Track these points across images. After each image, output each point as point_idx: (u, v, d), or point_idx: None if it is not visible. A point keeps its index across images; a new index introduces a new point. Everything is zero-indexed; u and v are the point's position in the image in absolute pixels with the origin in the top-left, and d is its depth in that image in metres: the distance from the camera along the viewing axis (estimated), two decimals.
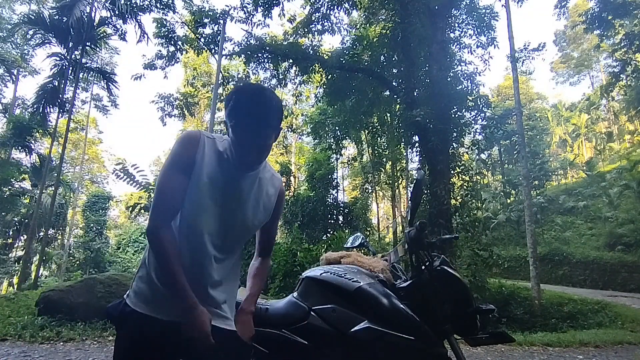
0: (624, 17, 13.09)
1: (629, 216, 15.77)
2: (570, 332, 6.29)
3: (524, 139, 9.60)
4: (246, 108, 1.02)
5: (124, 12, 11.71)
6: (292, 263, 8.02)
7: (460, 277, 1.38)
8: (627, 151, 25.72)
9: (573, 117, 32.11)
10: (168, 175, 1.04)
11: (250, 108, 1.02)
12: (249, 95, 1.04)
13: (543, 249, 14.84)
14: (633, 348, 4.98)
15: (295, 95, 16.17)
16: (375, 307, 1.26)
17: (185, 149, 1.06)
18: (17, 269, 17.50)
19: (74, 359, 3.86)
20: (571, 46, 38.29)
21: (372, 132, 15.00)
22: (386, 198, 24.96)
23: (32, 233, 12.86)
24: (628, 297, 10.21)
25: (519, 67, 10.18)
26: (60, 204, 19.29)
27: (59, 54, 12.66)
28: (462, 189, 8.82)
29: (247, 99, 1.04)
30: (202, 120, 27.02)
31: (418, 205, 1.43)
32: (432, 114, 7.97)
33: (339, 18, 11.97)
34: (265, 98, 1.05)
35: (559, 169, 30.72)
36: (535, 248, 8.47)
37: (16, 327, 4.86)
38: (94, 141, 35.22)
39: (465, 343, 1.37)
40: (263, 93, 1.06)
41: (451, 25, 9.69)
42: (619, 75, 13.38)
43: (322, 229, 16.00)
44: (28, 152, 16.00)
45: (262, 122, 1.04)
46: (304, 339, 1.26)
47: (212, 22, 11.13)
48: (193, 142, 1.07)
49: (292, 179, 22.84)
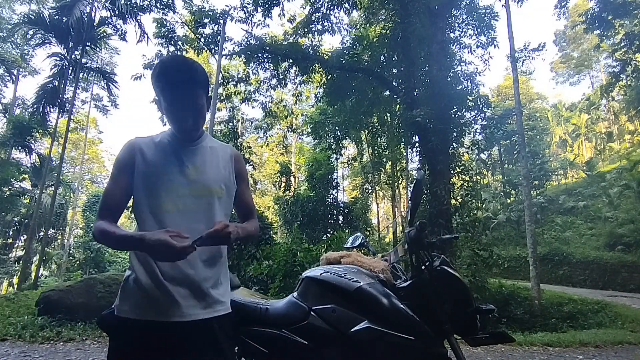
0: (624, 17, 13.09)
1: (629, 216, 15.77)
2: (570, 332, 6.29)
3: (524, 139, 9.60)
4: (171, 73, 1.06)
5: (124, 12, 11.70)
6: (292, 263, 8.00)
7: (460, 277, 1.38)
8: (627, 151, 25.70)
9: (573, 117, 32.09)
10: (108, 181, 1.14)
11: (175, 73, 1.06)
12: (171, 62, 1.11)
13: (543, 249, 14.83)
14: (633, 348, 4.97)
15: (295, 95, 16.13)
16: (375, 307, 1.26)
17: (122, 154, 1.13)
18: (17, 269, 17.50)
19: (74, 359, 3.85)
20: (571, 46, 38.27)
21: (372, 132, 15.01)
22: (386, 198, 24.96)
23: (32, 233, 12.86)
24: (628, 297, 10.21)
25: (519, 67, 10.18)
26: (60, 204, 19.27)
27: (59, 54, 12.66)
28: (462, 189, 8.82)
29: (169, 65, 1.08)
30: None
31: (418, 205, 1.43)
32: (432, 114, 7.97)
33: (339, 18, 11.97)
34: (187, 61, 1.10)
35: (559, 169, 30.70)
36: (535, 248, 8.47)
37: (16, 327, 4.86)
38: (94, 141, 35.23)
39: (465, 343, 1.37)
40: (184, 59, 1.11)
41: (451, 25, 9.69)
42: (619, 75, 13.37)
43: (322, 229, 16.00)
44: (28, 152, 16.01)
45: (189, 82, 1.07)
46: (304, 339, 1.26)
47: (212, 22, 11.12)
48: (128, 145, 1.14)
49: (292, 179, 22.82)
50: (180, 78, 1.06)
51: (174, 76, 1.06)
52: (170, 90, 1.06)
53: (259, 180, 31.04)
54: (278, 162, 24.53)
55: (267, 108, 14.30)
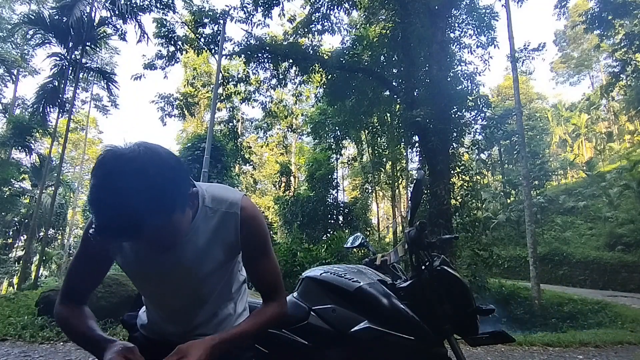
0: (624, 17, 13.09)
1: (629, 216, 15.76)
2: (570, 332, 6.29)
3: (524, 139, 9.61)
4: (101, 208, 0.69)
5: (124, 12, 11.69)
6: (292, 263, 8.04)
7: (460, 277, 1.38)
8: (627, 151, 25.68)
9: (573, 117, 32.09)
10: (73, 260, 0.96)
11: (105, 207, 0.68)
12: (100, 183, 0.69)
13: (543, 249, 14.83)
14: (633, 348, 4.97)
15: (295, 95, 16.13)
16: (375, 307, 1.26)
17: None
18: (17, 269, 17.50)
19: (74, 359, 3.85)
20: (571, 46, 38.28)
21: (372, 132, 15.01)
22: (386, 198, 24.95)
23: (32, 233, 12.86)
24: (628, 297, 10.21)
25: (519, 67, 10.20)
26: (60, 204, 19.28)
27: (59, 54, 12.66)
28: (462, 189, 8.83)
29: (98, 189, 0.69)
30: (202, 120, 27.04)
31: (418, 205, 1.43)
32: (432, 114, 7.98)
33: (339, 18, 11.97)
34: (125, 170, 0.69)
35: (559, 169, 30.70)
36: (535, 248, 8.48)
37: (16, 327, 4.85)
38: (94, 141, 35.25)
39: (465, 343, 1.37)
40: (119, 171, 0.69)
41: (451, 25, 9.70)
42: (619, 75, 13.39)
43: (322, 229, 16.02)
44: (28, 152, 16.01)
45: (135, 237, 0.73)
46: (304, 339, 1.26)
47: (212, 22, 11.12)
48: None
49: (292, 179, 22.84)
50: (117, 220, 0.68)
51: (107, 217, 0.69)
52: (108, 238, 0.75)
53: (259, 180, 31.06)
54: (278, 162, 24.57)
55: (267, 108, 14.29)
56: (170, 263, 0.90)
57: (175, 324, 1.01)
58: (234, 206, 0.93)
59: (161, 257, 0.88)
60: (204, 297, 0.99)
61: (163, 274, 0.92)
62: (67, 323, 0.92)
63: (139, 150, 0.72)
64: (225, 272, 1.00)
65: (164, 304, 1.00)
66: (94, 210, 0.69)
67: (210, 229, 0.92)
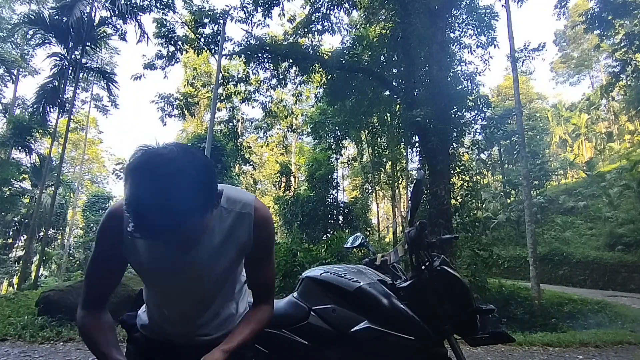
0: (624, 17, 13.10)
1: (629, 216, 15.77)
2: (570, 332, 6.29)
3: (524, 139, 9.61)
4: (142, 205, 0.70)
5: (124, 12, 11.70)
6: (292, 263, 8.02)
7: (460, 277, 1.38)
8: (627, 151, 25.69)
9: (573, 117, 32.10)
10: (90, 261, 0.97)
11: (148, 206, 0.69)
12: (141, 183, 0.71)
13: (543, 249, 14.83)
14: (633, 348, 4.97)
15: (295, 95, 16.12)
16: (375, 307, 1.26)
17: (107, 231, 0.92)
18: (17, 269, 17.51)
19: (74, 359, 3.85)
20: (571, 46, 38.29)
21: (372, 132, 15.00)
22: (386, 198, 24.95)
23: (32, 233, 12.87)
24: (628, 297, 10.21)
25: (519, 67, 10.20)
26: (60, 204, 19.30)
27: (59, 54, 12.66)
28: (462, 189, 8.82)
29: (139, 188, 0.70)
30: (202, 120, 27.06)
31: (418, 205, 1.43)
32: (432, 114, 7.97)
33: (339, 18, 11.95)
34: (166, 172, 0.70)
35: (559, 169, 30.71)
36: (535, 248, 8.48)
37: (16, 327, 4.85)
38: (94, 141, 35.26)
39: (465, 343, 1.37)
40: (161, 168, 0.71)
41: (451, 25, 9.69)
42: (619, 75, 13.39)
43: (322, 229, 16.03)
44: (28, 152, 16.03)
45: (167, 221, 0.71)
46: (304, 339, 1.26)
47: (212, 22, 11.11)
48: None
49: (292, 179, 22.85)
50: (161, 224, 0.71)
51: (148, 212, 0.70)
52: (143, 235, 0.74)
53: (259, 180, 31.06)
54: (278, 162, 24.58)
55: (267, 108, 14.28)
56: (185, 262, 0.90)
57: (179, 324, 1.02)
58: (248, 207, 0.95)
59: (178, 256, 0.88)
60: (211, 297, 1.00)
61: (176, 273, 0.93)
62: (88, 334, 0.93)
63: (176, 151, 0.74)
64: (233, 272, 1.01)
65: (171, 303, 1.00)
66: (134, 209, 0.70)
67: (225, 229, 0.93)
